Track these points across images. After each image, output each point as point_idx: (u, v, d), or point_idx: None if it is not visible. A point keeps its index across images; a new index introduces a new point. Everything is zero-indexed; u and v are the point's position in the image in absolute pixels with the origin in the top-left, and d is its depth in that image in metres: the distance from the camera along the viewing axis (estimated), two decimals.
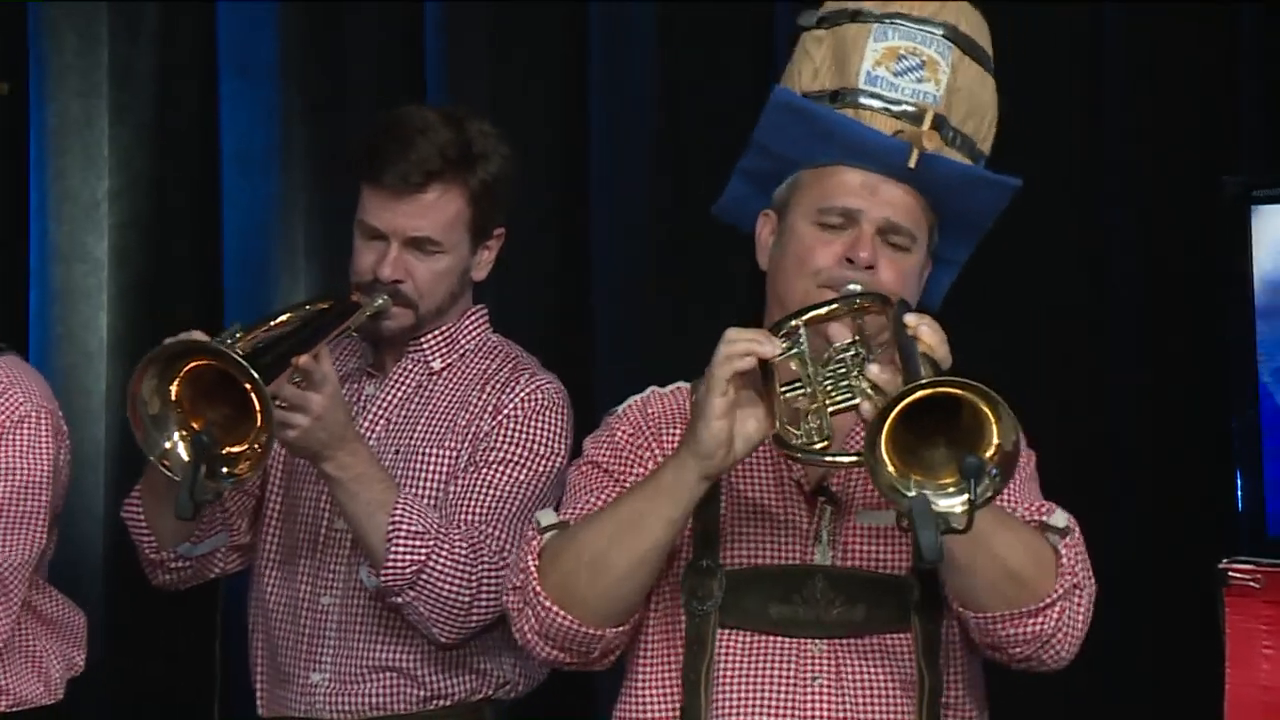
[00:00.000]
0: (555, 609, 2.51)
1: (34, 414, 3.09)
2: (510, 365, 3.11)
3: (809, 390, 2.44)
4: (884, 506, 2.52)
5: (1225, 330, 3.87)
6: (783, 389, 2.44)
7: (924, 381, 2.25)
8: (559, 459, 3.02)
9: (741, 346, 2.42)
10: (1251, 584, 2.07)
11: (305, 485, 3.10)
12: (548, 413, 3.05)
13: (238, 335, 2.78)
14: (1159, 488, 3.94)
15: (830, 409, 2.42)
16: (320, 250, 4.18)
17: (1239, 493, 3.85)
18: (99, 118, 4.30)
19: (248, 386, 2.63)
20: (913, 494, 2.26)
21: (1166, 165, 4.00)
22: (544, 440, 3.03)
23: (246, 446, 2.67)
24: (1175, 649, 3.88)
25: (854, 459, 2.39)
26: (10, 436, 3.08)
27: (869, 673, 2.58)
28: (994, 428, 2.25)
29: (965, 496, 2.26)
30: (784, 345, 2.46)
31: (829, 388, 2.44)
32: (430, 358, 3.12)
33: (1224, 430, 3.85)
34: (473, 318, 3.16)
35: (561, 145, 4.13)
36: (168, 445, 2.67)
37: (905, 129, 2.63)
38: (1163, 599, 3.93)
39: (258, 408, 2.64)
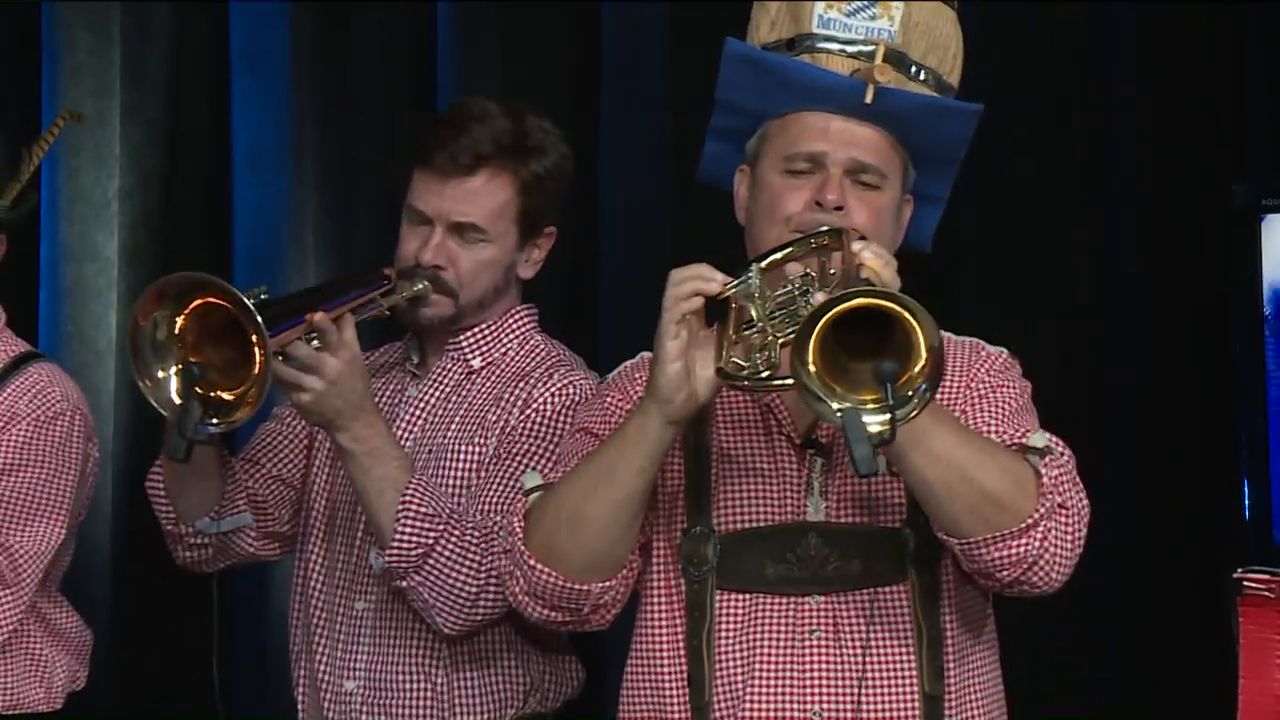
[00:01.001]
0: (540, 566, 2.53)
1: (69, 413, 3.13)
2: (551, 363, 3.05)
3: (761, 325, 2.45)
4: (875, 455, 2.49)
5: (1233, 341, 3.86)
6: (742, 328, 2.46)
7: (848, 292, 2.29)
8: None
9: (688, 287, 2.44)
10: (1266, 594, 2.07)
11: (346, 487, 3.03)
12: (576, 408, 2.95)
13: (262, 297, 2.71)
14: (1161, 494, 3.96)
15: (780, 340, 2.43)
16: (331, 249, 4.18)
17: (1246, 503, 3.83)
18: (111, 117, 4.30)
19: (250, 331, 2.59)
20: (836, 407, 2.29)
21: (1172, 173, 4.00)
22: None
23: (240, 392, 2.64)
24: (1177, 653, 3.89)
25: (793, 381, 2.37)
26: (44, 430, 3.11)
27: (868, 624, 2.58)
28: (920, 338, 2.27)
29: (877, 420, 2.28)
30: (732, 282, 2.45)
31: (779, 320, 2.45)
32: (470, 356, 3.06)
33: (1228, 438, 3.86)
34: (517, 316, 3.09)
35: (571, 145, 4.10)
36: (160, 375, 2.65)
37: (862, 67, 2.63)
38: (1164, 604, 3.94)
39: (257, 354, 2.60)
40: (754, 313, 2.44)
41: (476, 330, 3.05)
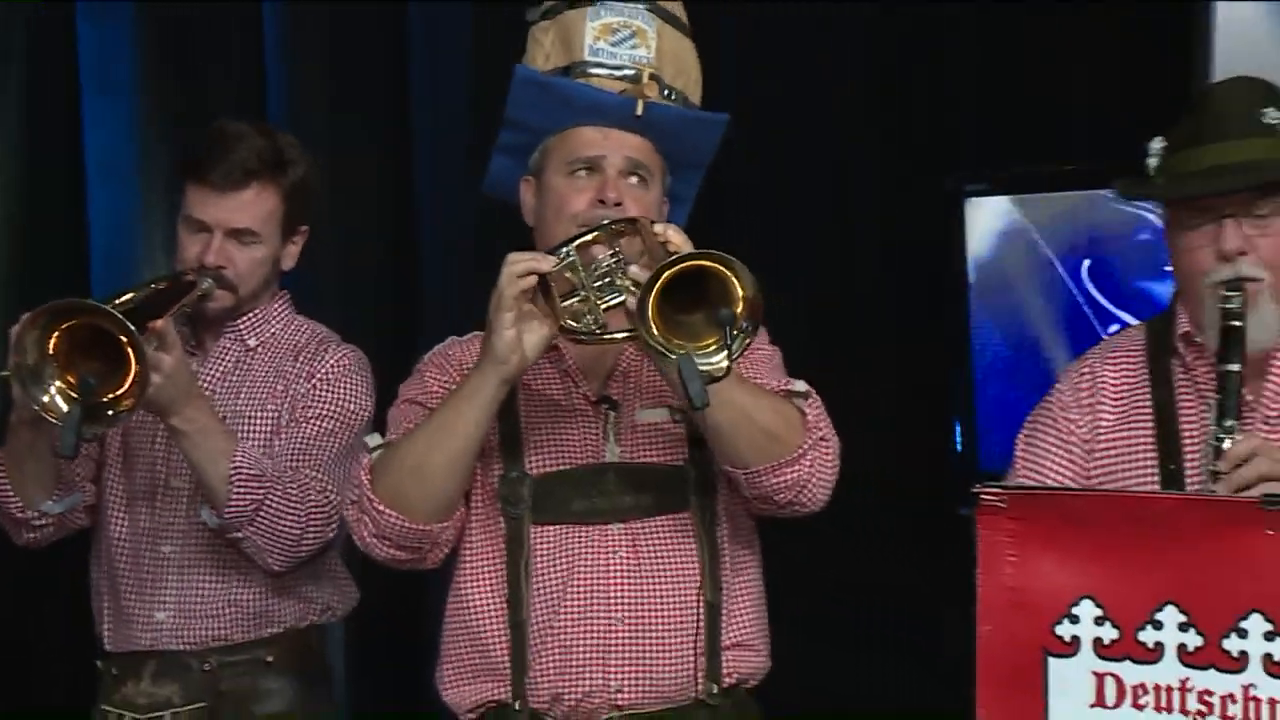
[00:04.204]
0: (388, 511, 2.64)
1: None
2: (318, 339, 3.24)
3: (583, 294, 2.59)
4: (656, 405, 2.73)
5: (944, 303, 4.12)
6: (562, 299, 2.59)
7: (679, 256, 2.43)
8: (366, 412, 3.16)
9: (523, 266, 2.56)
10: (999, 504, 2.20)
11: (142, 445, 3.17)
12: (354, 375, 3.18)
13: (100, 304, 2.80)
14: (900, 433, 4.13)
15: (602, 306, 2.58)
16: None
17: (957, 436, 4.13)
18: None
19: (124, 339, 2.71)
20: (675, 356, 2.43)
21: (896, 167, 4.19)
22: (352, 397, 3.16)
23: (122, 390, 2.72)
24: (914, 565, 4.11)
25: (628, 333, 2.53)
26: None
27: (660, 545, 2.73)
28: (738, 287, 2.42)
29: (719, 356, 2.44)
30: (558, 260, 2.59)
31: (599, 290, 2.58)
32: (246, 336, 3.21)
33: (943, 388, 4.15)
34: (280, 301, 3.27)
35: (391, 149, 4.25)
36: (45, 399, 2.73)
37: (629, 87, 2.78)
38: (901, 524, 4.16)
39: (132, 357, 2.71)
40: (572, 279, 2.59)
41: (251, 315, 3.22)
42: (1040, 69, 4.06)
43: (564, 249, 2.61)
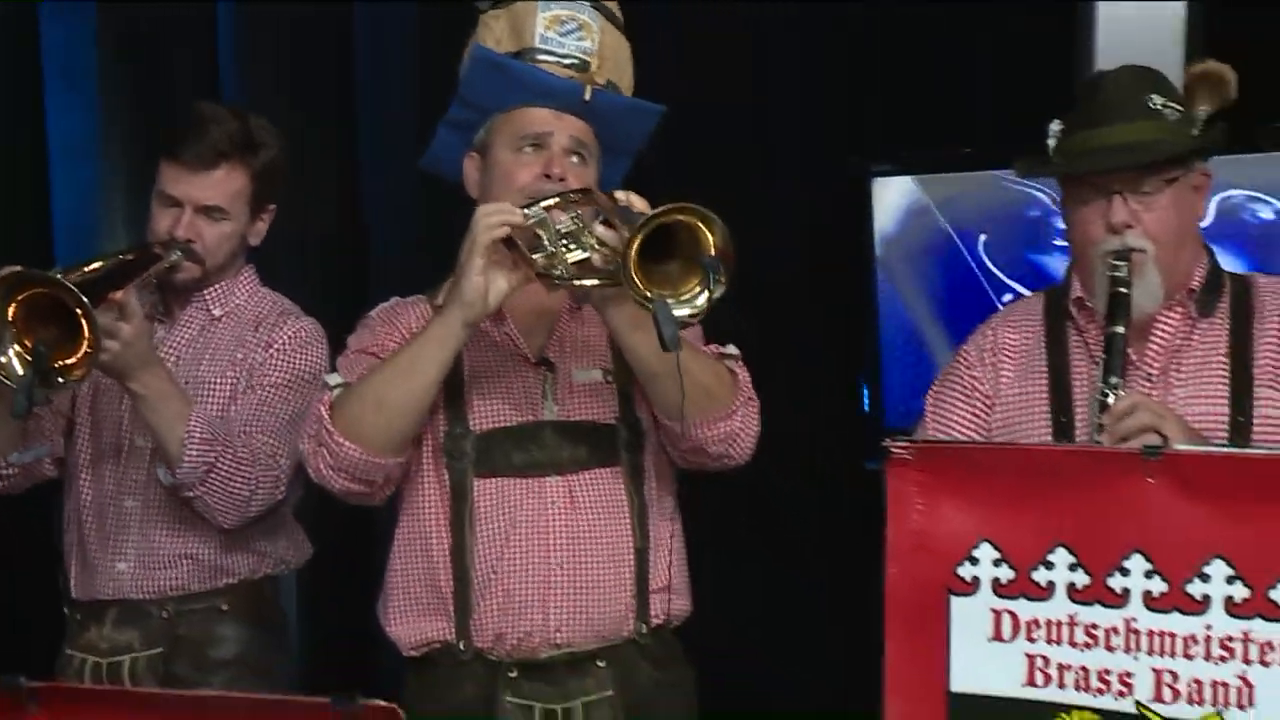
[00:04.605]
0: (346, 443, 2.68)
1: None
2: (278, 311, 3.30)
3: (550, 250, 2.63)
4: (591, 367, 2.81)
5: (853, 274, 4.21)
6: (531, 253, 2.64)
7: (666, 208, 2.46)
8: (319, 382, 3.10)
9: (496, 218, 2.62)
10: (907, 456, 2.28)
11: (109, 407, 3.24)
12: (310, 346, 3.24)
13: (59, 275, 2.84)
14: (815, 396, 4.21)
15: (570, 260, 2.63)
16: (135, 222, 4.11)
17: (865, 397, 4.23)
18: None
19: (79, 311, 2.76)
20: (650, 302, 2.50)
21: (811, 148, 4.27)
22: (307, 367, 3.21)
23: (75, 358, 2.77)
24: (832, 515, 4.21)
25: (605, 280, 2.59)
26: None
27: (595, 496, 2.80)
28: (709, 237, 2.48)
29: (701, 298, 2.49)
30: (528, 216, 2.65)
31: (565, 246, 2.63)
32: (211, 306, 3.27)
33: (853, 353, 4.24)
34: (246, 273, 3.33)
35: (334, 133, 4.28)
36: (3, 360, 2.77)
37: (574, 75, 2.86)
38: (814, 479, 4.25)
39: (86, 328, 2.77)
40: (545, 239, 2.65)
41: (217, 286, 3.28)
42: (942, 61, 4.13)
43: (532, 208, 2.66)
